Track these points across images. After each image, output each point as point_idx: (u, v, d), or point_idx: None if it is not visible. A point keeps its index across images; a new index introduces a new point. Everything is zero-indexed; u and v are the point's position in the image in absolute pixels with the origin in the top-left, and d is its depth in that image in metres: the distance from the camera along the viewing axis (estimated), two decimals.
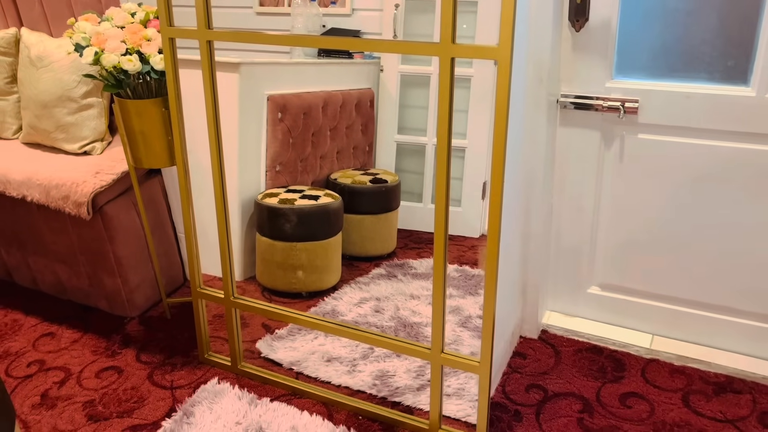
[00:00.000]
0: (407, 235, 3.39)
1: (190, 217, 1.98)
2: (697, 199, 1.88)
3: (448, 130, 1.53)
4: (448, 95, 1.52)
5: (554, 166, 2.05)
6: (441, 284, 1.68)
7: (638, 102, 1.84)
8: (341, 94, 3.14)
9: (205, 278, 2.66)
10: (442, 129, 1.53)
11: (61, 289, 2.48)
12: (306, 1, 3.49)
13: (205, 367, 2.12)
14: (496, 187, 1.51)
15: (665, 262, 2.01)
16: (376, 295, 2.64)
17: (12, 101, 2.47)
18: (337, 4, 3.54)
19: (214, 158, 1.87)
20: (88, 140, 2.32)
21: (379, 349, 2.19)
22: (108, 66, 1.84)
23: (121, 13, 1.94)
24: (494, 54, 1.43)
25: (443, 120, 1.53)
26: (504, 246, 1.86)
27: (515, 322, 2.14)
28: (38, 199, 2.16)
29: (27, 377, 2.09)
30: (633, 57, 1.83)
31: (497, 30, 3.06)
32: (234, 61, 2.60)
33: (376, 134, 3.48)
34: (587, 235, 2.09)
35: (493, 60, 1.45)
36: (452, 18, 1.46)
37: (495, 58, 1.43)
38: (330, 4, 3.57)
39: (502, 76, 1.44)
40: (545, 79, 1.82)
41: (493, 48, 1.43)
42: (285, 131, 2.81)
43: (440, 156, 1.55)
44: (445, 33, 1.47)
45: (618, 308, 2.15)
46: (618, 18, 1.80)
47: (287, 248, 2.56)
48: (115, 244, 2.23)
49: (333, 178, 3.02)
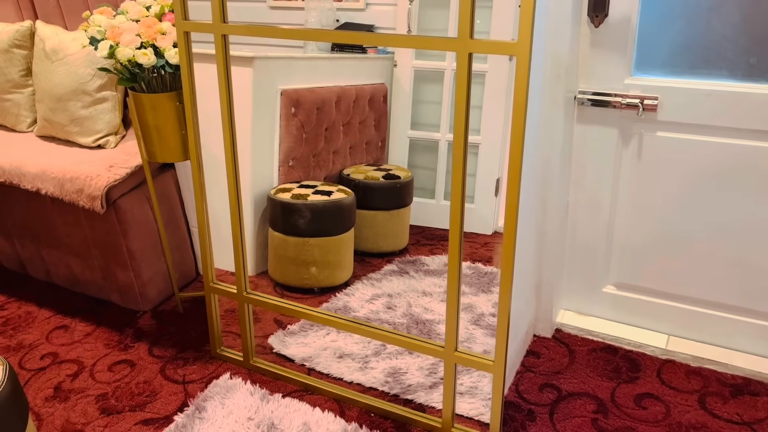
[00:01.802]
0: (420, 231, 3.38)
1: (203, 213, 1.97)
2: (717, 198, 1.86)
3: (465, 127, 1.51)
4: (466, 91, 1.50)
5: (571, 163, 2.03)
6: (456, 282, 1.66)
7: (657, 99, 1.81)
8: (354, 89, 3.12)
9: (217, 272, 2.66)
10: (459, 125, 1.51)
11: (74, 282, 2.49)
12: None
13: (217, 362, 2.12)
14: (513, 185, 1.49)
15: (682, 262, 1.99)
16: (388, 291, 2.62)
17: (27, 94, 2.47)
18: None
19: (228, 154, 1.86)
20: (102, 134, 2.32)
21: (391, 347, 2.18)
22: (123, 60, 1.83)
23: (136, 6, 1.93)
24: (513, 50, 1.41)
25: (460, 116, 1.51)
26: (519, 243, 1.84)
27: (529, 321, 2.12)
28: (52, 192, 2.16)
29: (40, 370, 2.10)
30: (653, 53, 1.80)
31: (511, 26, 3.05)
32: (248, 55, 2.59)
33: (389, 130, 3.46)
34: (603, 233, 2.07)
35: (510, 56, 1.42)
36: (470, 13, 1.44)
37: (514, 54, 1.41)
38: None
39: (520, 73, 1.42)
40: (563, 75, 1.79)
41: (512, 44, 1.41)
42: (298, 126, 2.80)
43: (456, 153, 1.53)
44: (463, 28, 1.46)
45: (633, 308, 2.12)
46: (638, 13, 1.77)
47: (300, 243, 2.55)
48: (128, 238, 2.23)
49: (346, 174, 3.01)
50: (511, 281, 1.58)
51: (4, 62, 2.41)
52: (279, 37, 1.71)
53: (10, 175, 2.24)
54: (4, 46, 2.40)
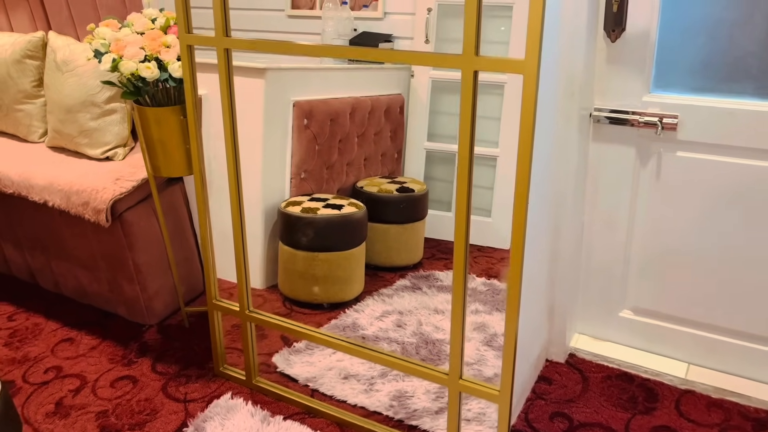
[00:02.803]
0: (435, 244, 3.31)
1: (206, 229, 1.93)
2: (738, 222, 1.76)
3: (470, 149, 1.45)
4: (471, 110, 1.43)
5: (586, 183, 1.94)
6: (460, 306, 1.59)
7: (677, 118, 1.72)
8: (370, 100, 3.07)
9: (227, 285, 2.62)
10: (463, 147, 1.45)
11: (82, 294, 2.48)
12: (337, 5, 3.44)
13: (219, 380, 2.08)
14: (520, 206, 1.42)
15: (703, 287, 1.89)
16: (399, 308, 2.56)
17: (39, 105, 2.47)
18: (369, 8, 3.48)
19: (231, 170, 1.82)
20: (110, 145, 2.30)
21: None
22: (126, 73, 1.81)
23: (141, 18, 1.91)
24: (520, 67, 1.34)
25: (464, 136, 1.44)
26: (529, 264, 1.76)
27: (541, 345, 2.04)
28: (59, 204, 2.15)
29: (43, 384, 2.08)
30: (673, 70, 1.71)
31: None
32: (260, 66, 2.55)
33: (405, 141, 3.40)
34: (620, 255, 1.98)
35: (519, 74, 1.36)
36: (476, 29, 1.37)
37: (520, 72, 1.34)
38: (362, 8, 3.51)
39: (527, 91, 1.36)
40: (577, 91, 1.72)
41: (519, 61, 1.34)
42: (311, 138, 2.76)
43: (461, 174, 1.47)
44: (468, 44, 1.39)
45: (651, 334, 2.03)
46: (657, 28, 1.69)
47: (309, 258, 2.51)
48: (134, 251, 2.21)
49: (359, 186, 2.95)
50: (518, 306, 1.51)
51: (17, 73, 2.41)
52: (282, 52, 1.67)
53: (19, 187, 2.23)
54: (16, 56, 2.40)
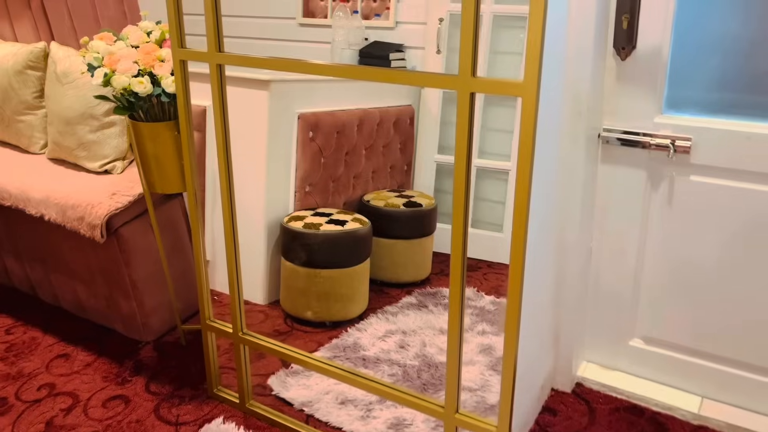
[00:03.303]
0: (444, 259, 3.22)
1: (200, 246, 1.88)
2: (755, 251, 1.66)
3: (466, 173, 1.37)
4: (467, 134, 1.36)
5: (595, 206, 1.85)
6: (456, 335, 1.52)
7: (691, 140, 1.63)
8: (378, 111, 3.00)
9: (229, 300, 2.57)
10: (459, 171, 1.37)
11: (80, 308, 2.44)
12: (348, 14, 3.38)
13: (213, 402, 2.02)
14: (519, 230, 1.34)
15: (717, 318, 1.79)
16: (403, 327, 2.49)
17: (40, 116, 2.44)
18: (381, 17, 3.41)
19: (224, 188, 1.76)
20: (109, 159, 2.26)
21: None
22: (118, 88, 1.76)
23: (137, 31, 1.86)
24: (518, 90, 1.27)
25: (461, 160, 1.37)
26: (531, 287, 1.68)
27: (546, 373, 1.95)
28: (55, 218, 2.11)
29: (35, 402, 2.04)
30: (686, 90, 1.62)
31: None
32: (264, 78, 2.50)
33: (415, 153, 3.33)
34: (629, 282, 1.89)
35: (517, 96, 1.28)
36: (472, 50, 1.30)
37: (519, 95, 1.27)
38: (374, 17, 3.45)
39: (527, 114, 1.28)
40: (585, 111, 1.63)
41: (517, 83, 1.27)
42: (316, 151, 2.69)
43: (456, 203, 1.39)
44: (464, 65, 1.32)
45: (663, 364, 1.93)
46: (670, 46, 1.59)
47: (310, 275, 2.44)
48: (130, 267, 2.16)
49: (366, 200, 2.89)
50: (516, 343, 1.43)
51: (18, 83, 2.39)
52: (275, 68, 1.61)
53: (17, 200, 2.20)
54: (18, 67, 2.37)
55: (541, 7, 1.20)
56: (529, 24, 1.23)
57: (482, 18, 3.03)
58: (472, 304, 2.74)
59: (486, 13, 3.03)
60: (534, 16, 1.21)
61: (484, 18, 3.03)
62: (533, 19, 1.22)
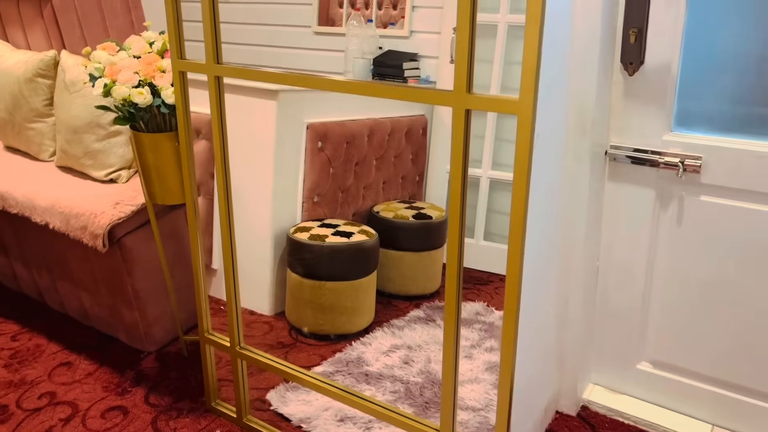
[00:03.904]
0: None
1: (198, 259, 1.86)
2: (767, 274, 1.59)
3: (462, 190, 1.33)
4: (462, 151, 1.32)
5: (602, 225, 1.80)
6: (452, 357, 1.47)
7: (701, 159, 1.56)
8: (390, 121, 2.97)
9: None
10: (455, 190, 1.33)
11: (85, 316, 2.44)
12: (363, 22, 3.35)
13: (211, 415, 2.00)
14: (515, 250, 1.30)
15: (729, 344, 1.72)
16: (409, 342, 2.44)
17: (50, 124, 2.46)
18: (396, 26, 3.39)
19: (222, 199, 1.74)
20: (114, 167, 2.26)
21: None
22: (118, 98, 1.75)
23: (139, 41, 1.85)
24: (513, 107, 1.22)
25: (456, 178, 1.33)
26: (532, 306, 1.63)
27: (550, 395, 1.89)
28: (59, 227, 2.12)
29: (35, 411, 2.04)
30: (696, 107, 1.56)
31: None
32: (272, 88, 2.48)
33: (427, 164, 3.29)
34: (638, 304, 1.82)
35: (513, 114, 1.23)
36: (467, 66, 1.26)
37: (514, 112, 1.22)
38: (388, 26, 3.42)
39: (522, 133, 1.23)
40: (590, 128, 1.58)
41: (513, 101, 1.22)
42: (324, 161, 2.67)
43: (452, 221, 1.35)
44: (459, 81, 1.28)
45: (672, 389, 1.86)
46: (679, 62, 1.53)
47: (315, 287, 2.41)
48: (133, 277, 2.16)
49: (376, 211, 2.85)
50: (513, 363, 1.38)
51: (29, 91, 2.40)
52: (274, 81, 1.59)
53: (23, 207, 2.21)
54: (28, 75, 2.39)
55: (537, 22, 1.16)
56: (526, 39, 1.18)
57: (497, 28, 2.98)
58: (481, 319, 2.69)
59: (501, 23, 2.98)
60: (530, 32, 1.17)
61: (499, 28, 2.98)
62: (529, 34, 1.17)
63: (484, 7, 2.98)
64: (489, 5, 3.00)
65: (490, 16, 3.00)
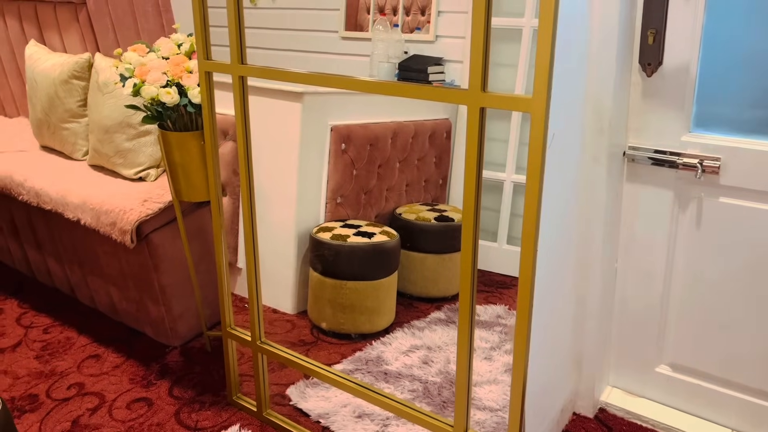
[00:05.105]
0: (478, 276, 3.18)
1: (222, 255, 1.91)
2: None
3: (476, 189, 1.35)
4: (477, 149, 1.34)
5: (620, 226, 1.79)
6: (466, 352, 1.49)
7: (720, 160, 1.56)
8: (413, 124, 3.00)
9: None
10: (468, 189, 1.35)
11: (113, 311, 2.51)
12: (388, 27, 3.39)
13: (232, 409, 2.04)
14: (528, 251, 1.31)
15: (750, 348, 1.70)
16: (429, 343, 2.46)
17: (83, 124, 2.54)
18: (422, 31, 3.42)
19: (245, 198, 1.79)
20: (143, 166, 2.33)
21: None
22: (147, 98, 1.81)
23: (168, 43, 1.91)
24: (526, 106, 1.24)
25: (470, 176, 1.35)
26: (546, 306, 1.64)
27: (567, 396, 1.89)
28: (90, 223, 2.18)
29: (64, 400, 2.10)
30: (715, 108, 1.55)
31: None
32: (297, 90, 2.53)
33: (451, 167, 3.31)
34: (656, 305, 1.82)
35: (526, 112, 1.25)
36: (482, 64, 1.28)
37: (528, 110, 1.24)
38: (414, 31, 3.45)
39: (535, 131, 1.25)
40: (607, 128, 1.58)
41: (526, 99, 1.24)
42: (348, 163, 2.71)
43: (466, 221, 1.37)
44: (474, 79, 1.30)
45: (691, 393, 1.84)
46: (698, 62, 1.53)
47: (337, 286, 2.45)
48: (159, 273, 2.22)
49: (398, 213, 2.88)
50: (526, 354, 1.39)
51: (64, 92, 2.49)
52: (296, 81, 1.63)
53: (57, 204, 2.29)
54: (64, 76, 2.47)
55: (550, 21, 1.18)
56: (539, 38, 1.20)
57: (522, 33, 2.99)
58: (502, 322, 2.69)
59: (526, 27, 2.99)
60: (543, 30, 1.19)
61: (524, 32, 2.99)
62: (542, 33, 1.19)
63: (509, 12, 2.99)
64: (514, 9, 3.02)
65: (515, 20, 3.01)
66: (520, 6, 2.99)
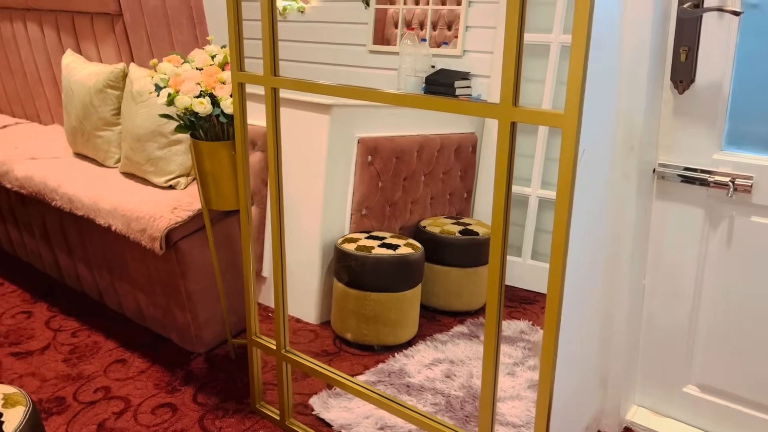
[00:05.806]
0: None
1: (249, 263, 1.93)
2: None
3: (505, 205, 1.35)
4: (506, 164, 1.34)
5: (649, 244, 1.78)
6: (492, 367, 1.48)
7: (752, 179, 1.54)
8: (439, 138, 3.01)
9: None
10: (498, 204, 1.36)
11: (140, 316, 2.55)
12: (416, 41, 3.42)
13: (255, 417, 2.06)
14: (557, 268, 1.31)
15: None
16: (451, 357, 2.45)
17: (117, 132, 2.59)
18: (449, 45, 3.44)
19: (274, 208, 1.81)
20: (174, 174, 2.36)
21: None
22: (180, 107, 1.85)
23: (202, 54, 1.95)
24: (559, 121, 1.25)
25: (500, 192, 1.35)
26: (573, 323, 1.63)
27: (592, 414, 1.88)
28: (120, 229, 2.22)
29: (91, 403, 2.13)
30: (748, 126, 1.54)
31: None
32: (325, 102, 2.56)
33: (476, 181, 3.31)
34: (684, 325, 1.80)
35: (558, 127, 1.26)
36: (514, 78, 1.29)
37: (559, 126, 1.25)
38: (441, 45, 3.47)
39: (566, 147, 1.25)
40: (637, 145, 1.58)
41: (558, 114, 1.25)
42: (374, 175, 2.73)
43: (494, 236, 1.37)
44: (505, 94, 1.31)
45: (719, 415, 1.82)
46: (731, 80, 1.53)
47: (360, 297, 2.46)
48: (186, 280, 2.24)
49: (422, 225, 2.89)
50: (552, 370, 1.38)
51: (99, 101, 2.54)
52: (329, 93, 1.65)
53: (89, 210, 2.33)
54: (99, 86, 2.53)
55: (583, 37, 1.18)
56: (572, 54, 1.21)
57: (549, 48, 3.00)
58: (525, 338, 2.67)
59: (554, 43, 2.99)
60: (576, 46, 1.19)
61: (552, 48, 2.99)
62: (576, 49, 1.20)
63: (537, 27, 3.00)
64: (542, 25, 3.03)
65: (543, 36, 3.01)
66: (549, 22, 2.99)
